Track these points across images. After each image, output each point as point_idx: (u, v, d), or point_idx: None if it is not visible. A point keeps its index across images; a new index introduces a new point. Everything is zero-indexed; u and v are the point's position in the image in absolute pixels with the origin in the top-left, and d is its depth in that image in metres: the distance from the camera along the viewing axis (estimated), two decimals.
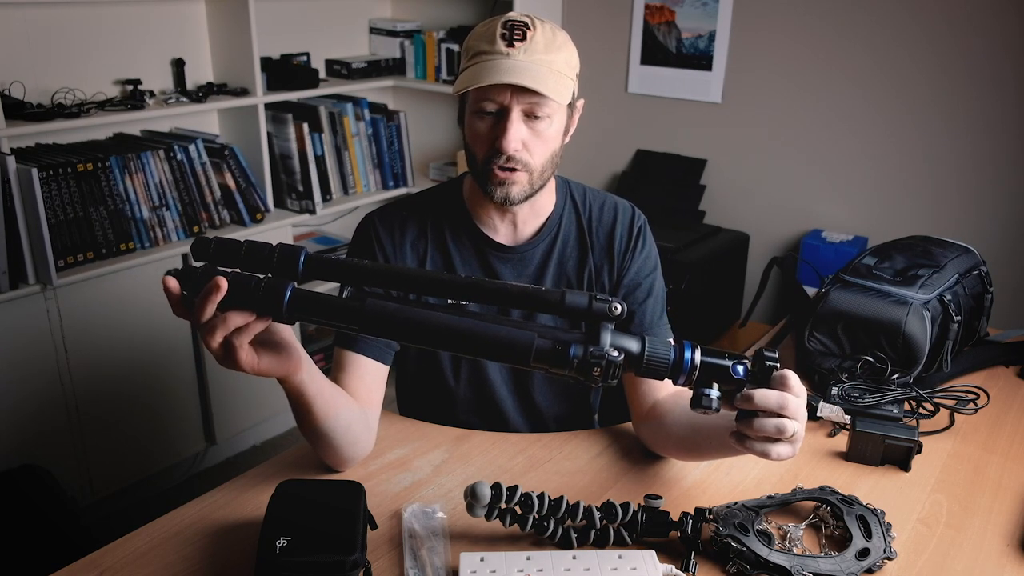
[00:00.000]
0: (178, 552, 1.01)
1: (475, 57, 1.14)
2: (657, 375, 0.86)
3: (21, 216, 2.06)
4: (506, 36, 1.13)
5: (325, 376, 1.06)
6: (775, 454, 0.92)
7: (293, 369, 0.95)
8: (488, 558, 0.98)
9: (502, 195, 1.19)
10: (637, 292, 1.32)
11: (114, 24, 2.44)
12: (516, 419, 1.37)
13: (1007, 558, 1.04)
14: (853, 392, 1.35)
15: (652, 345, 0.86)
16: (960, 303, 1.50)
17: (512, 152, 1.15)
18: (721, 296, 2.79)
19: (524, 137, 1.15)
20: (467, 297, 0.86)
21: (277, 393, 2.87)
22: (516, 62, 1.12)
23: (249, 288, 0.84)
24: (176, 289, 0.87)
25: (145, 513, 1.11)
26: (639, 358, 0.85)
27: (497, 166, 1.16)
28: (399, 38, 3.13)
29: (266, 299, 0.84)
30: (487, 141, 1.16)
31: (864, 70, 2.60)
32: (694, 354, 0.86)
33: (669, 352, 0.86)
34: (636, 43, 2.98)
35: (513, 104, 1.13)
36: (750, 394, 0.89)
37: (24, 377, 2.12)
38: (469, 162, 1.23)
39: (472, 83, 1.11)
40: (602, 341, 0.83)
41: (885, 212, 2.67)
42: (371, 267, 0.88)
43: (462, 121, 1.23)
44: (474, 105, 1.15)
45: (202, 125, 2.69)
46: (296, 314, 0.85)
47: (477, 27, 1.18)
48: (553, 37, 1.15)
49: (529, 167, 1.17)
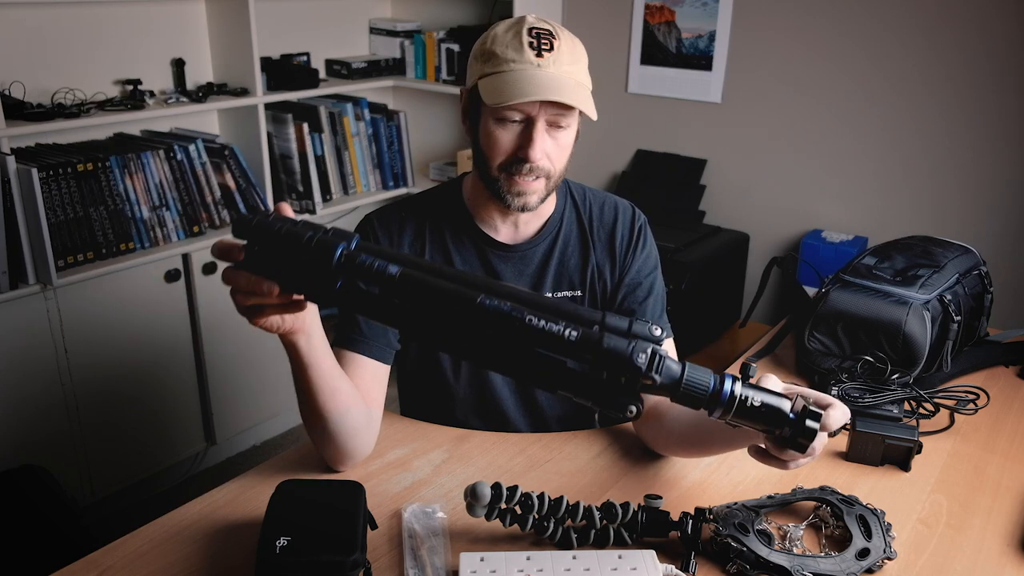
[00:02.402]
0: (178, 552, 1.01)
1: (503, 64, 1.13)
2: (693, 404, 0.81)
3: (21, 216, 2.06)
4: (534, 45, 1.13)
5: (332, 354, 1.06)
6: (794, 467, 0.94)
7: (296, 328, 0.95)
8: (488, 558, 0.97)
9: (520, 204, 1.20)
10: (638, 291, 1.32)
11: (114, 24, 2.44)
12: (517, 419, 1.37)
13: (1007, 558, 1.04)
14: (853, 392, 1.35)
15: (692, 373, 0.80)
16: (960, 303, 1.50)
17: (536, 162, 1.15)
18: (721, 296, 2.79)
19: (547, 147, 1.16)
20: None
21: (277, 393, 2.87)
22: (548, 74, 1.12)
23: (301, 273, 0.82)
24: (235, 250, 0.84)
25: (145, 513, 1.11)
26: (676, 386, 0.80)
27: (518, 175, 1.17)
28: (399, 38, 3.13)
29: (316, 288, 0.82)
30: (508, 149, 1.16)
31: (864, 70, 2.59)
32: (734, 387, 0.82)
33: (709, 381, 0.81)
34: (636, 43, 2.98)
35: (540, 115, 1.14)
36: (812, 448, 0.88)
37: (24, 377, 2.12)
38: (480, 165, 1.22)
39: (510, 96, 1.11)
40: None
41: (885, 212, 2.67)
42: (400, 278, 0.80)
43: (469, 118, 1.23)
44: (498, 112, 1.15)
45: (202, 125, 2.69)
46: (343, 305, 0.84)
47: (496, 30, 1.17)
48: (574, 46, 1.17)
49: (549, 175, 1.19)
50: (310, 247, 0.80)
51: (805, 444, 0.85)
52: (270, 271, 0.83)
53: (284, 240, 0.81)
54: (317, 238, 0.80)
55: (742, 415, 0.82)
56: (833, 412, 0.92)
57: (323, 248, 0.80)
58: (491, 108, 1.15)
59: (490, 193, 1.22)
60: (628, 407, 0.77)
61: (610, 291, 1.33)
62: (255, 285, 0.83)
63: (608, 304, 1.33)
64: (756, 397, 0.82)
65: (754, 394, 0.82)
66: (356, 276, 0.81)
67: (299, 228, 0.82)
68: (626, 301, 1.32)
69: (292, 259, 0.82)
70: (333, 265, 0.80)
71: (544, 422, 1.39)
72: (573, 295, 1.32)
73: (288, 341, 0.98)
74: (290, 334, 0.96)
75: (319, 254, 0.80)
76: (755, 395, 0.82)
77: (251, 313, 0.87)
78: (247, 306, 0.86)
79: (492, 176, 1.20)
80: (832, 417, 0.91)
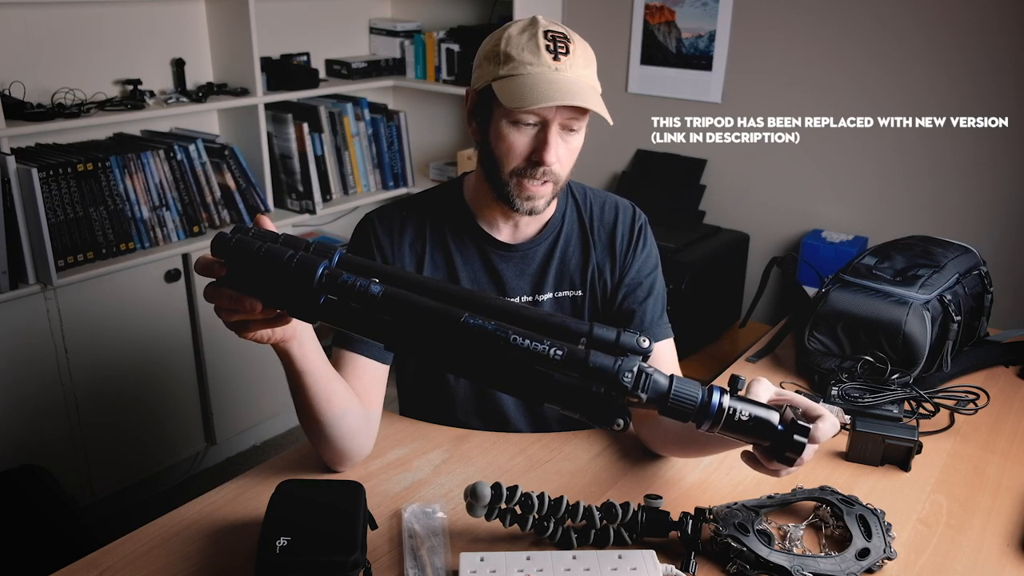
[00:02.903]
0: (178, 552, 1.01)
1: (520, 67, 1.13)
2: (681, 417, 0.80)
3: (21, 216, 2.06)
4: (551, 48, 1.13)
5: (326, 359, 1.06)
6: (785, 474, 0.94)
7: (287, 336, 0.96)
8: (488, 558, 0.97)
9: (528, 207, 1.20)
10: (638, 291, 1.32)
11: (114, 24, 2.44)
12: (518, 419, 1.37)
13: (1007, 558, 1.04)
14: (853, 392, 1.35)
15: (679, 386, 0.79)
16: (960, 303, 1.50)
17: (551, 166, 1.15)
18: (721, 296, 2.79)
19: (560, 151, 1.16)
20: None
21: (277, 393, 2.87)
22: (566, 78, 1.12)
23: (283, 289, 0.83)
24: (216, 266, 0.84)
25: (145, 513, 1.11)
26: (663, 399, 0.79)
27: (530, 178, 1.17)
28: (399, 38, 3.13)
29: (298, 304, 0.83)
30: (523, 152, 1.16)
31: (864, 70, 2.59)
32: (722, 399, 0.81)
33: (697, 394, 0.80)
34: (636, 43, 2.98)
35: (556, 119, 1.14)
36: (801, 460, 0.88)
37: (24, 377, 2.12)
38: (489, 167, 1.21)
39: (533, 100, 1.10)
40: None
41: (885, 212, 2.67)
42: (383, 297, 0.80)
43: (476, 119, 1.22)
44: (513, 115, 1.14)
45: (202, 125, 2.69)
46: (326, 319, 0.84)
47: (509, 32, 1.16)
48: (586, 50, 1.17)
49: (559, 179, 1.19)
50: (290, 267, 0.80)
51: (793, 458, 0.86)
52: (252, 288, 0.83)
53: (264, 261, 0.81)
54: (298, 257, 0.80)
55: (730, 428, 0.82)
56: (822, 425, 0.91)
57: (303, 267, 0.80)
58: (506, 110, 1.14)
59: (496, 195, 1.22)
60: (616, 420, 0.77)
61: (610, 291, 1.33)
62: (237, 303, 0.83)
63: (608, 304, 1.33)
64: (744, 410, 0.82)
65: (742, 407, 0.82)
66: (338, 295, 0.80)
67: (279, 247, 0.82)
68: (626, 301, 1.32)
69: (273, 278, 0.82)
70: (314, 285, 0.80)
71: (544, 422, 1.39)
72: (574, 295, 1.32)
73: (281, 349, 0.98)
74: (282, 343, 0.96)
75: (300, 274, 0.80)
76: (743, 408, 0.82)
77: (238, 328, 0.88)
78: (233, 322, 0.87)
79: (502, 179, 1.19)
80: (820, 430, 0.91)
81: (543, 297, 1.31)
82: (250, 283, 0.84)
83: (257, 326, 0.88)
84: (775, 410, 0.84)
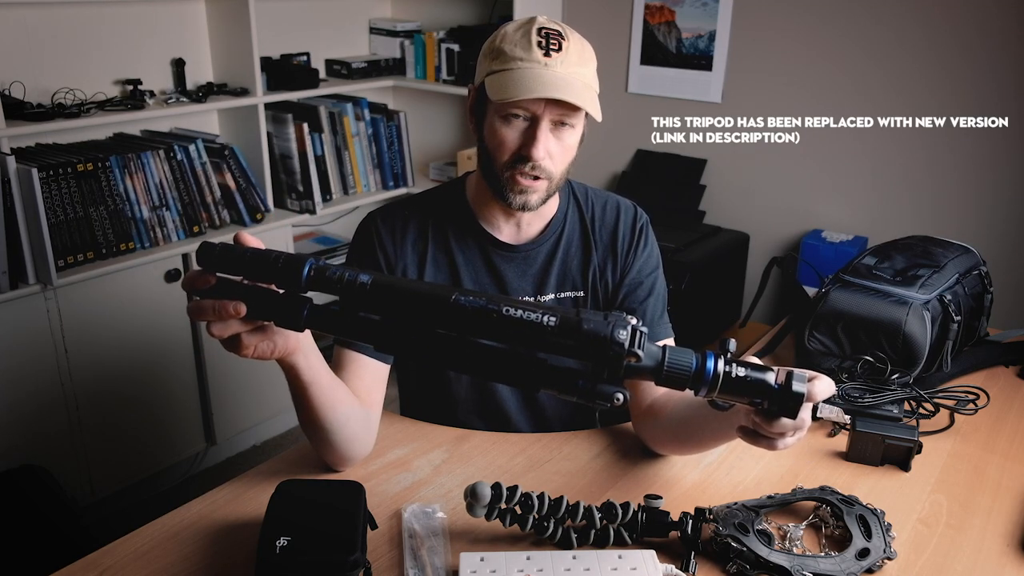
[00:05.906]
0: (178, 552, 1.01)
1: (510, 62, 1.14)
2: (678, 385, 0.82)
3: (21, 216, 2.06)
4: (542, 44, 1.13)
5: (328, 366, 1.06)
6: (783, 446, 0.93)
7: (291, 350, 0.95)
8: (488, 558, 0.97)
9: (521, 202, 1.20)
10: (639, 291, 1.32)
11: (114, 24, 2.44)
12: (519, 419, 1.37)
13: (1007, 558, 1.04)
14: (853, 392, 1.35)
15: (672, 354, 0.81)
16: (960, 303, 1.50)
17: (539, 161, 1.15)
18: (721, 296, 2.79)
19: (551, 147, 1.16)
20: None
21: (277, 393, 2.87)
22: (555, 73, 1.13)
23: (267, 300, 0.84)
24: (203, 277, 0.85)
25: (145, 513, 1.11)
26: (659, 368, 0.80)
27: (520, 173, 1.17)
28: (399, 38, 3.13)
29: (284, 313, 0.84)
30: (512, 147, 1.17)
31: (864, 70, 2.59)
32: (717, 363, 0.82)
33: (691, 361, 0.81)
34: (636, 43, 2.98)
35: (545, 114, 1.14)
36: (802, 419, 0.88)
37: (24, 377, 2.12)
38: (484, 162, 1.22)
39: (516, 94, 1.11)
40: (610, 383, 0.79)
41: (885, 212, 2.67)
42: (372, 285, 0.81)
43: (475, 116, 1.23)
44: (503, 109, 1.15)
45: (202, 125, 2.69)
46: (313, 327, 0.85)
47: (506, 29, 1.17)
48: (582, 48, 1.17)
49: (551, 176, 1.19)
50: (277, 265, 0.81)
51: (795, 408, 0.84)
52: (239, 296, 0.84)
53: (251, 262, 0.82)
54: (284, 257, 0.81)
55: (728, 389, 0.82)
56: (818, 383, 0.91)
57: (291, 264, 0.81)
58: (497, 105, 1.15)
59: (493, 191, 1.23)
60: (614, 395, 0.78)
61: (611, 291, 1.33)
62: (221, 308, 0.83)
63: (609, 304, 1.33)
64: (740, 369, 0.83)
65: (736, 367, 0.83)
66: (327, 290, 0.81)
67: (264, 250, 0.83)
68: (627, 301, 1.32)
69: (260, 278, 0.82)
70: (303, 280, 0.80)
71: (546, 423, 1.39)
72: (576, 295, 1.33)
73: (287, 364, 0.97)
74: (287, 356, 0.95)
75: (287, 271, 0.80)
76: (737, 368, 0.83)
77: (234, 345, 0.87)
78: (226, 338, 0.86)
79: (496, 173, 1.20)
80: (817, 387, 0.90)
81: (545, 298, 1.31)
82: (237, 291, 0.84)
83: (252, 341, 0.88)
84: (769, 369, 0.85)
